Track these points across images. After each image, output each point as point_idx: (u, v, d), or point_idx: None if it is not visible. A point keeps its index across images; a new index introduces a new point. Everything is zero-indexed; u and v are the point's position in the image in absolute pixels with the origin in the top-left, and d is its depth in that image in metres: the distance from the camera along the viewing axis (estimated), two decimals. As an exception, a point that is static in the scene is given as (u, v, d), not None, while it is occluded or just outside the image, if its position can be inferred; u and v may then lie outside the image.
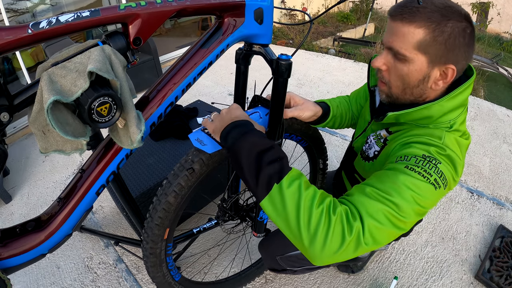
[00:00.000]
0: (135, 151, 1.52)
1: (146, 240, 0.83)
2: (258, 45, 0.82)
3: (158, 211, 0.79)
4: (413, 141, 0.68)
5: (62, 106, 0.57)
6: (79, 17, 0.57)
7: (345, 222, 0.55)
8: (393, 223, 0.58)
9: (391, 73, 0.72)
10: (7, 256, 0.67)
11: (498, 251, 1.41)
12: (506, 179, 1.88)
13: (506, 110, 2.64)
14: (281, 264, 1.05)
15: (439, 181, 0.61)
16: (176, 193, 0.78)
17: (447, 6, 0.63)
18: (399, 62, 0.69)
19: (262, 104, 0.88)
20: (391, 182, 0.60)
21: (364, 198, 0.60)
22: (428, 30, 0.63)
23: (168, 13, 0.65)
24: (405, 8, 0.65)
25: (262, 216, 1.00)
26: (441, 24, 0.62)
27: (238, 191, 1.10)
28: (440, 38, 0.63)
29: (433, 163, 0.62)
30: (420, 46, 0.65)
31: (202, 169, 0.78)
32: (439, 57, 0.65)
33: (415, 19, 0.64)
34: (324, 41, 5.68)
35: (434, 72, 0.67)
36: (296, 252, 1.03)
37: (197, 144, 0.74)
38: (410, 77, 0.69)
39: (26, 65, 2.81)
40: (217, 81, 3.32)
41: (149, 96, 0.75)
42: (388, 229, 0.58)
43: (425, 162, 0.62)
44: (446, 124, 0.70)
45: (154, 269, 0.89)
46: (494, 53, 6.05)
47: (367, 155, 0.85)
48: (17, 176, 2.14)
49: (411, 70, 0.68)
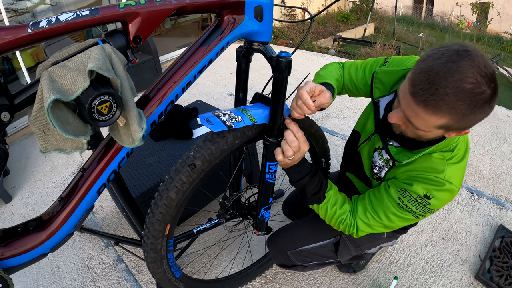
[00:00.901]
0: (135, 151, 1.52)
1: (147, 236, 0.84)
2: (258, 42, 0.82)
3: (160, 206, 0.80)
4: (418, 177, 0.78)
5: (62, 105, 0.57)
6: (79, 16, 0.57)
7: (347, 229, 0.89)
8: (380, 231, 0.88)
9: (407, 128, 0.74)
10: (9, 256, 0.67)
11: (498, 251, 1.40)
12: (506, 179, 1.88)
13: (506, 110, 2.64)
14: (292, 259, 1.07)
15: (423, 213, 0.79)
16: (178, 188, 0.78)
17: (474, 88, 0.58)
18: (415, 128, 0.70)
19: (262, 101, 0.88)
20: (383, 212, 0.83)
21: (367, 220, 0.86)
22: (451, 119, 0.62)
23: (168, 11, 0.65)
24: (429, 95, 0.60)
25: (263, 215, 1.00)
26: (466, 114, 0.61)
27: (240, 189, 1.10)
28: (463, 121, 0.63)
29: (423, 204, 0.77)
30: (441, 127, 0.66)
31: (203, 165, 0.78)
32: (458, 130, 0.67)
33: (440, 111, 0.61)
34: (324, 41, 5.69)
35: (450, 133, 0.70)
36: (308, 246, 1.05)
37: (204, 123, 0.76)
38: (426, 137, 0.74)
39: (26, 65, 2.81)
40: (217, 81, 3.32)
41: (150, 95, 0.75)
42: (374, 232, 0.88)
43: (416, 203, 0.77)
44: (449, 148, 0.77)
45: (154, 265, 0.89)
46: (494, 53, 6.05)
47: (377, 173, 0.93)
48: (17, 176, 2.14)
49: (427, 134, 0.72)
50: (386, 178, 0.89)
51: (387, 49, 4.66)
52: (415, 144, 0.79)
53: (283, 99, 0.78)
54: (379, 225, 0.85)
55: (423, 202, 0.77)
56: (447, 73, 0.59)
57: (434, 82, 0.60)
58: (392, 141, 0.85)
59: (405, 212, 0.80)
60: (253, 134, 0.83)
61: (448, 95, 0.59)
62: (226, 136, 0.79)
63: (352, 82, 1.01)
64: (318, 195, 0.89)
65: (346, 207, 0.89)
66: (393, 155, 0.83)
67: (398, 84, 0.85)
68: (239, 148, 0.84)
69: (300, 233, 1.10)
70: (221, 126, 0.75)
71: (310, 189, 0.88)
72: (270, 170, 0.88)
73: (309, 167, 0.89)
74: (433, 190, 0.75)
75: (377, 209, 0.85)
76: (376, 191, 0.88)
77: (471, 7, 8.85)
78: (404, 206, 0.79)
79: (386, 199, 0.83)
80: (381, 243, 1.10)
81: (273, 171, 0.89)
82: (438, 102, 0.60)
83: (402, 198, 0.79)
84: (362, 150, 0.99)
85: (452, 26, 9.31)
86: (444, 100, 0.60)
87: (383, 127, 0.87)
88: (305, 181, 0.87)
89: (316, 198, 0.89)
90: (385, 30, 7.02)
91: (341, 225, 0.88)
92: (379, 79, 0.90)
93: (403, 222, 0.84)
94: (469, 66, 0.58)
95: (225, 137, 0.79)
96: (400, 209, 0.81)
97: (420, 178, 0.77)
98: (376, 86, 0.91)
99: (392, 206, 0.82)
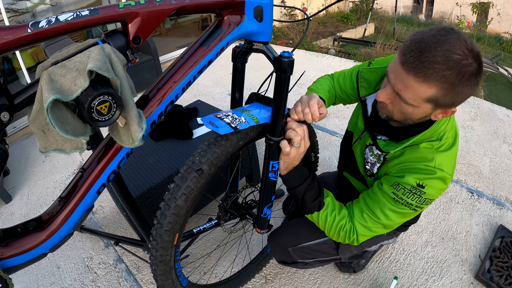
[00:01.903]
0: (135, 151, 1.52)
1: (155, 248, 0.80)
2: (258, 43, 0.82)
3: (168, 217, 0.76)
4: (408, 168, 0.79)
5: (62, 105, 0.57)
6: (79, 16, 0.57)
7: (347, 236, 0.87)
8: (380, 232, 0.87)
9: (394, 107, 0.75)
10: (9, 255, 0.67)
11: (498, 251, 1.40)
12: (506, 179, 1.88)
13: (506, 110, 2.64)
14: (292, 256, 1.07)
15: (420, 205, 0.78)
16: (186, 196, 0.76)
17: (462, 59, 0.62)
18: (402, 103, 0.71)
19: (259, 101, 0.89)
20: (380, 211, 0.83)
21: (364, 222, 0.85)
22: (440, 89, 0.64)
23: (168, 11, 0.65)
24: (419, 63, 0.63)
25: (266, 213, 1.00)
26: (455, 84, 0.63)
27: (237, 189, 1.10)
28: (451, 93, 0.65)
29: (418, 194, 0.77)
30: (430, 99, 0.67)
31: (210, 169, 0.77)
32: (446, 106, 0.69)
33: (429, 78, 0.63)
34: (324, 41, 5.69)
35: (437, 112, 0.72)
36: (309, 243, 1.06)
37: (209, 126, 0.75)
38: (414, 116, 0.74)
39: (26, 65, 2.81)
40: (217, 81, 3.32)
41: (149, 95, 0.75)
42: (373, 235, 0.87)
43: (411, 194, 0.77)
44: (436, 137, 0.78)
45: (163, 277, 0.86)
46: (494, 53, 6.05)
47: (369, 170, 0.94)
48: (17, 176, 2.14)
49: (415, 111, 0.72)
50: (379, 176, 0.89)
51: (387, 49, 4.65)
52: (401, 135, 0.81)
53: (286, 98, 0.79)
54: (378, 226, 0.85)
55: (417, 192, 0.77)
56: (436, 43, 0.62)
57: (424, 51, 0.63)
58: (381, 136, 0.88)
59: (401, 206, 0.79)
60: (255, 134, 0.83)
61: (438, 63, 0.62)
62: (230, 138, 0.78)
63: (342, 90, 1.05)
64: (318, 200, 0.88)
65: (345, 212, 0.88)
66: (381, 147, 0.85)
67: (382, 81, 0.89)
68: (242, 149, 0.84)
69: (301, 230, 1.10)
70: (227, 128, 0.74)
71: (310, 195, 0.87)
72: (274, 168, 0.89)
73: (307, 171, 0.89)
74: (425, 179, 0.76)
75: (374, 208, 0.84)
76: (370, 192, 0.87)
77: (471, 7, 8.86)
78: (400, 199, 0.79)
79: (381, 196, 0.82)
80: (382, 240, 1.10)
81: (276, 169, 0.89)
82: (428, 70, 0.63)
83: (396, 192, 0.79)
84: (355, 149, 1.00)
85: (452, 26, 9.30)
86: (434, 68, 0.62)
87: (372, 123, 0.90)
88: (305, 186, 0.87)
89: (316, 204, 0.88)
90: (385, 30, 7.03)
91: (341, 232, 0.86)
92: (364, 78, 0.94)
93: (402, 218, 0.83)
94: (456, 40, 0.62)
95: (230, 139, 0.78)
96: (396, 203, 0.80)
97: (411, 169, 0.78)
98: (361, 85, 0.95)
99: (388, 202, 0.81)
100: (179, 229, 0.80)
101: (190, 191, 0.76)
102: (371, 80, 0.93)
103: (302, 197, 0.88)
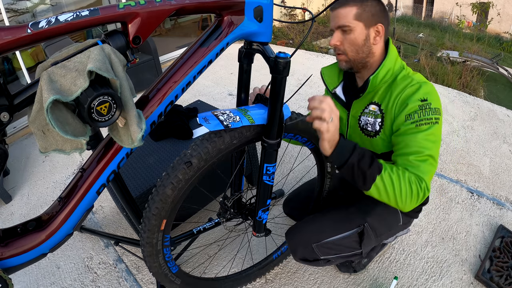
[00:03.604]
0: (135, 151, 1.52)
1: (143, 230, 0.85)
2: (257, 43, 0.82)
3: (156, 202, 0.81)
4: (404, 96, 0.92)
5: (62, 106, 0.57)
6: (79, 17, 0.57)
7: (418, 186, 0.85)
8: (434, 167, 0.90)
9: (344, 44, 0.97)
10: (8, 255, 0.67)
11: (498, 251, 1.40)
12: (506, 179, 1.88)
13: (506, 110, 2.64)
14: (316, 253, 1.04)
15: (437, 116, 0.89)
16: (174, 185, 0.79)
17: None
18: (346, 34, 0.95)
19: (263, 102, 0.89)
20: (417, 146, 0.87)
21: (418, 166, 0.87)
22: (357, 6, 0.92)
23: (167, 11, 0.65)
24: (338, 1, 0.94)
25: (261, 216, 1.00)
26: (363, 1, 0.92)
27: (241, 189, 1.10)
28: (366, 8, 0.92)
29: (427, 106, 0.89)
30: (356, 16, 0.92)
31: (200, 163, 0.79)
32: (369, 21, 0.93)
33: (348, 3, 0.93)
34: (324, 41, 5.68)
35: (371, 32, 0.95)
36: (333, 238, 1.03)
37: (202, 122, 0.77)
38: (358, 40, 0.95)
39: (26, 65, 2.81)
40: (217, 81, 3.32)
41: (149, 95, 0.75)
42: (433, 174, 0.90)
43: (423, 111, 0.89)
44: (401, 68, 0.98)
45: (150, 259, 0.91)
46: (494, 53, 6.05)
47: (372, 130, 1.02)
48: (17, 176, 2.14)
49: (356, 35, 0.95)
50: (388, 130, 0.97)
51: (387, 49, 4.64)
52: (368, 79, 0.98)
53: (282, 100, 0.78)
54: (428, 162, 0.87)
55: (426, 106, 0.89)
56: None
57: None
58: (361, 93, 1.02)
59: (426, 127, 0.87)
60: (252, 135, 0.83)
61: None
62: (223, 136, 0.79)
63: None
64: (375, 163, 0.85)
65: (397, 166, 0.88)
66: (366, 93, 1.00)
67: (341, 72, 1.12)
68: (238, 148, 0.83)
69: (324, 225, 1.07)
70: (218, 125, 0.76)
71: (365, 161, 0.85)
72: (268, 171, 0.88)
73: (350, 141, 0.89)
74: (421, 93, 0.90)
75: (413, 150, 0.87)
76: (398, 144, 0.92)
77: (471, 7, 8.86)
78: (421, 122, 0.88)
79: (408, 137, 0.89)
80: (397, 231, 1.14)
81: (270, 172, 0.88)
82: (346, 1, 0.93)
83: (413, 120, 0.89)
84: (354, 138, 1.10)
85: (452, 26, 9.30)
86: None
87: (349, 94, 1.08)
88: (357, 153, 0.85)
89: (375, 167, 0.85)
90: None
91: (413, 185, 0.84)
92: (326, 74, 1.15)
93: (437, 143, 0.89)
94: None
95: (222, 137, 0.79)
96: (422, 129, 0.88)
97: (406, 96, 0.92)
98: (327, 82, 1.14)
99: (417, 135, 0.88)
100: (167, 216, 0.84)
101: (177, 181, 0.79)
102: (332, 75, 1.14)
103: (358, 166, 0.85)
